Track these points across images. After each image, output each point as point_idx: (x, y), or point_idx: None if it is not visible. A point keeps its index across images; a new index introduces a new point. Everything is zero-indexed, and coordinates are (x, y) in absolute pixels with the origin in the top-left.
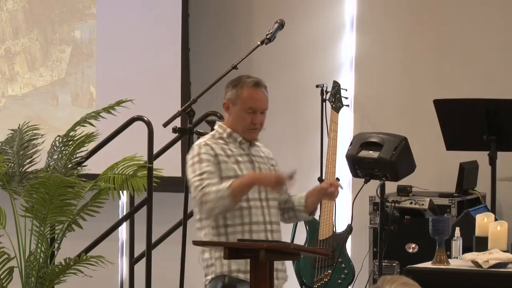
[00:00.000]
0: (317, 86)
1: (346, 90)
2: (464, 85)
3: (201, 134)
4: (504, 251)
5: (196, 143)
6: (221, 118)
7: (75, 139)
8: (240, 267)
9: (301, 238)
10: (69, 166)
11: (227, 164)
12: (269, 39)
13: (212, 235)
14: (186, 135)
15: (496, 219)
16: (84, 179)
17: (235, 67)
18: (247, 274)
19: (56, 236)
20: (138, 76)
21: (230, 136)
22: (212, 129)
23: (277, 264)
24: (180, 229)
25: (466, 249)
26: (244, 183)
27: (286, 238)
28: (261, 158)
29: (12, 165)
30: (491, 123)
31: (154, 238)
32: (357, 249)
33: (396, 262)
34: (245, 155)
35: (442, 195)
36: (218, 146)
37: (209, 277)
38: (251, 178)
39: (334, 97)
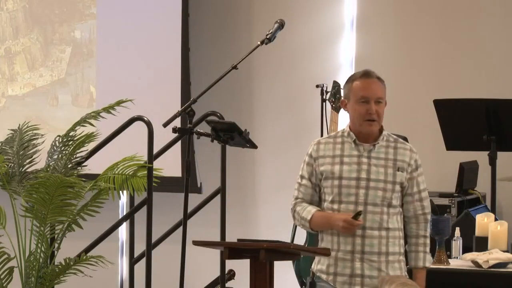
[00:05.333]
0: (317, 86)
1: None
2: (464, 85)
3: (201, 134)
4: (504, 251)
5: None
6: (221, 118)
7: (75, 139)
8: (323, 268)
9: (301, 238)
10: (69, 166)
11: (325, 166)
12: (269, 39)
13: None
14: (186, 135)
15: (496, 219)
16: (84, 179)
17: (235, 67)
18: (329, 275)
19: (56, 236)
20: (138, 76)
21: (348, 135)
22: (212, 129)
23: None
24: (180, 229)
25: (466, 249)
26: (322, 223)
27: (286, 238)
28: (380, 160)
29: (12, 165)
30: (491, 123)
31: (154, 238)
32: None
33: None
34: (355, 156)
35: (442, 195)
36: (328, 146)
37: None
38: (328, 220)
39: (334, 97)
